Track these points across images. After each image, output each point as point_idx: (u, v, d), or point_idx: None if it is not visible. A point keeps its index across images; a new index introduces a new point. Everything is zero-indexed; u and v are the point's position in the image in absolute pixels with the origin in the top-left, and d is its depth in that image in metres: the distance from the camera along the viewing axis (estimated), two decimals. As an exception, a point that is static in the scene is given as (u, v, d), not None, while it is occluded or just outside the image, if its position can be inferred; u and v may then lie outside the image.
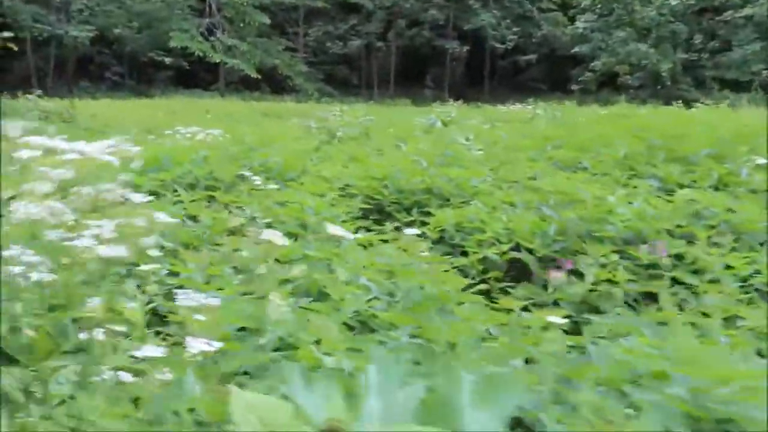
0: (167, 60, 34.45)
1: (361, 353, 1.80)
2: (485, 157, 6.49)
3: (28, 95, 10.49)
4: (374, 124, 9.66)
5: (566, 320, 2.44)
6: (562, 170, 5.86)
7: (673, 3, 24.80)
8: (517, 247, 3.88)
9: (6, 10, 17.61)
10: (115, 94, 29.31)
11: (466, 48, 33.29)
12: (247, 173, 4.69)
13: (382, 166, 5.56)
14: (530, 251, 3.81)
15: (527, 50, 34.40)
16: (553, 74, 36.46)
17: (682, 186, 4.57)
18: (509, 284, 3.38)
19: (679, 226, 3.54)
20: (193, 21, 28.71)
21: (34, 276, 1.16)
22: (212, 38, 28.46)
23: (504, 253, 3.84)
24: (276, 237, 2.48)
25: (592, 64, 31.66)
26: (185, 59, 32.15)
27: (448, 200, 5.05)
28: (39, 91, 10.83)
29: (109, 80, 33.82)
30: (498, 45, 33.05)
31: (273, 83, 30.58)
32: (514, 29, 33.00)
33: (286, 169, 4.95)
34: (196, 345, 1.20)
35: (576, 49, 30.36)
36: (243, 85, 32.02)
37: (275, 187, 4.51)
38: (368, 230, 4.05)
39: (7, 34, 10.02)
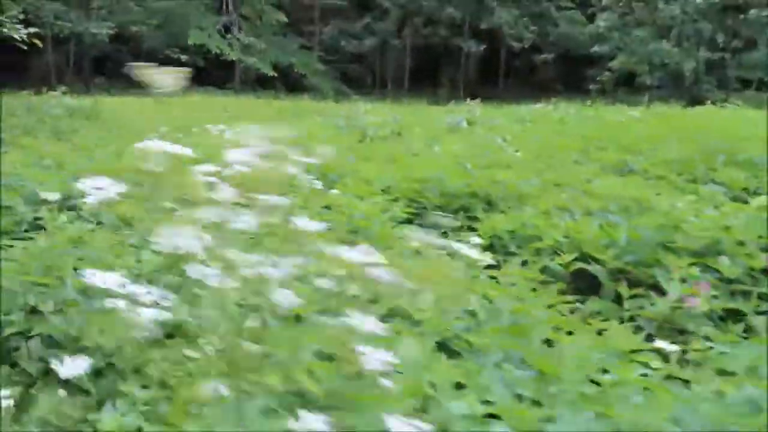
0: (183, 58, 34.34)
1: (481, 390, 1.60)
2: (525, 158, 6.26)
3: (52, 91, 10.37)
4: (401, 123, 9.46)
5: (675, 347, 2.23)
6: (607, 173, 5.64)
7: (698, 0, 24.39)
8: (580, 257, 3.66)
9: (29, 7, 17.58)
10: (130, 90, 29.26)
11: (483, 47, 32.98)
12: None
13: (422, 167, 5.36)
14: (598, 262, 3.59)
15: (543, 49, 34.04)
16: (567, 74, 36.06)
17: (747, 191, 4.33)
18: (575, 297, 3.17)
19: (761, 237, 3.31)
20: (211, 19, 28.61)
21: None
22: (229, 36, 28.35)
23: (568, 263, 3.62)
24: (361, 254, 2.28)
25: (610, 63, 31.27)
26: (201, 57, 32.04)
27: (495, 204, 4.85)
28: (63, 87, 10.69)
29: (125, 77, 33.79)
30: (515, 44, 32.73)
31: (288, 81, 30.44)
32: (531, 28, 32.66)
33: (327, 170, 4.75)
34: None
35: (595, 48, 29.97)
36: (258, 84, 31.88)
37: (319, 189, 4.32)
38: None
39: (32, 29, 9.90)
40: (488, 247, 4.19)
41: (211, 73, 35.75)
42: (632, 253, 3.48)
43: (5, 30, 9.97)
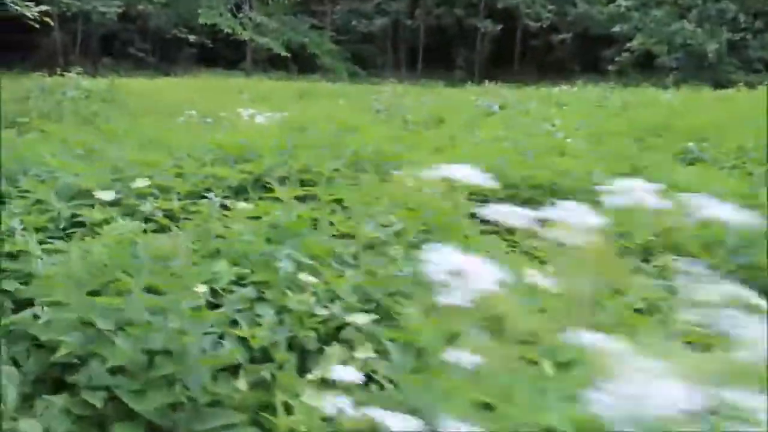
0: (191, 37, 33.79)
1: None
2: (580, 145, 5.85)
3: (65, 72, 9.96)
4: (437, 108, 9.04)
5: None
6: (673, 162, 5.23)
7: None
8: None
9: (35, -15, 17.11)
10: (138, 71, 28.78)
11: (499, 27, 32.26)
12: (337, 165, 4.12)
13: (475, 156, 4.97)
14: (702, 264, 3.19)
15: (561, 29, 33.29)
16: (583, 54, 35.31)
17: None
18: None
19: None
20: (222, -3, 28.02)
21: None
22: (240, 15, 27.74)
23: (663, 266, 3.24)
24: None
25: (629, 44, 30.55)
26: (210, 37, 31.49)
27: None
28: (79, 68, 10.28)
29: (132, 57, 33.26)
30: (532, 23, 32.01)
31: (300, 62, 29.87)
32: (549, 7, 31.90)
33: (380, 159, 4.37)
34: None
35: (616, 28, 29.24)
36: (270, 64, 31.32)
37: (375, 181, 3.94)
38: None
39: (44, 7, 9.47)
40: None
41: (221, 54, 35.16)
42: (744, 254, 3.11)
43: (17, 8, 9.54)
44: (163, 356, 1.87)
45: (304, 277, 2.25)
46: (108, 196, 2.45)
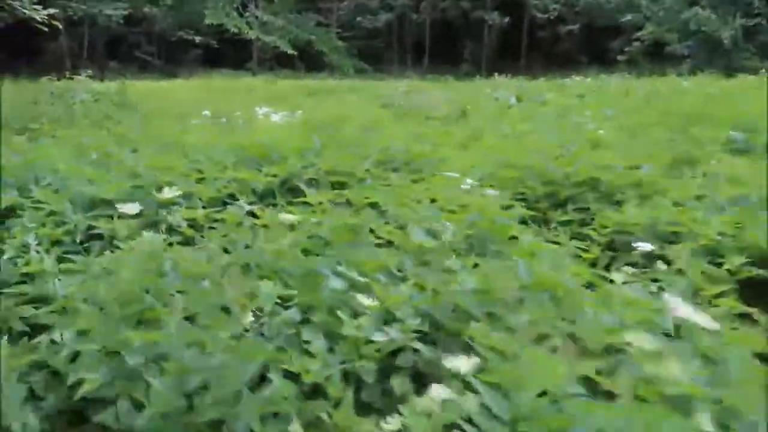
0: (197, 39, 33.62)
1: None
2: (616, 138, 5.56)
3: (76, 76, 9.74)
4: (458, 102, 8.74)
5: None
6: (721, 153, 4.93)
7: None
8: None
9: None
10: (144, 74, 28.62)
11: (507, 19, 31.85)
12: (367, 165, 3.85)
13: (509, 151, 4.69)
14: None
15: (568, 20, 32.86)
16: (591, 45, 34.85)
17: None
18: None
19: None
20: (226, -3, 27.79)
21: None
22: (247, 14, 27.46)
23: (738, 268, 2.99)
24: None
25: (639, 33, 30.09)
26: (215, 38, 31.30)
27: (607, 194, 4.19)
28: (89, 71, 10.06)
29: (138, 60, 33.13)
30: (539, 15, 31.59)
31: (307, 60, 29.59)
32: (557, -3, 31.51)
33: (411, 157, 4.10)
34: None
35: (628, 17, 28.80)
36: (277, 63, 31.09)
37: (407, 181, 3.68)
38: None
39: (52, 11, 9.25)
40: (608, 245, 3.56)
41: (226, 54, 34.95)
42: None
43: (26, 11, 9.32)
44: (204, 396, 1.62)
45: (356, 295, 1.99)
46: (132, 209, 2.19)
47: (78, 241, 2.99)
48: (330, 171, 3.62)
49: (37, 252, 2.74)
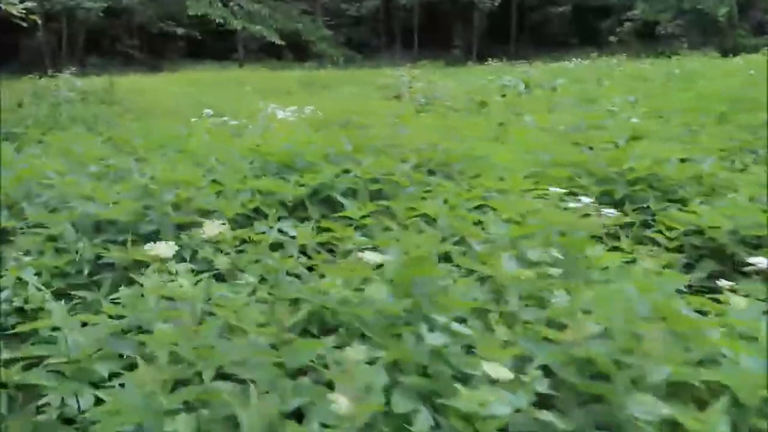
0: (179, 30, 32.82)
1: None
2: (655, 127, 5.16)
3: (57, 74, 9.18)
4: (458, 90, 8.31)
5: None
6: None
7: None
8: None
9: (15, -18, 16.01)
10: (127, 68, 27.80)
11: (498, 1, 31.34)
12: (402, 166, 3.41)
13: (555, 146, 4.28)
14: None
15: (558, 1, 32.43)
16: (580, 27, 34.47)
17: None
18: None
19: None
20: (209, -14, 27.00)
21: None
22: (231, 3, 26.67)
23: None
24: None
25: (630, 13, 29.77)
26: (198, 29, 30.54)
27: (667, 191, 3.79)
28: (73, 68, 9.48)
29: (120, 54, 32.24)
30: (530, -3, 31.12)
31: (294, 50, 28.93)
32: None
33: (448, 159, 3.66)
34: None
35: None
36: (263, 53, 30.39)
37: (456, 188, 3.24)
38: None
39: (30, 3, 8.66)
40: (677, 250, 3.16)
41: (210, 45, 34.12)
42: None
43: (1, 5, 8.72)
44: None
45: (459, 349, 1.56)
46: (168, 250, 1.74)
47: (86, 273, 2.53)
48: (367, 178, 3.17)
49: (41, 291, 2.29)
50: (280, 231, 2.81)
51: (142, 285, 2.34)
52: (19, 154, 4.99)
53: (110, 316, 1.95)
